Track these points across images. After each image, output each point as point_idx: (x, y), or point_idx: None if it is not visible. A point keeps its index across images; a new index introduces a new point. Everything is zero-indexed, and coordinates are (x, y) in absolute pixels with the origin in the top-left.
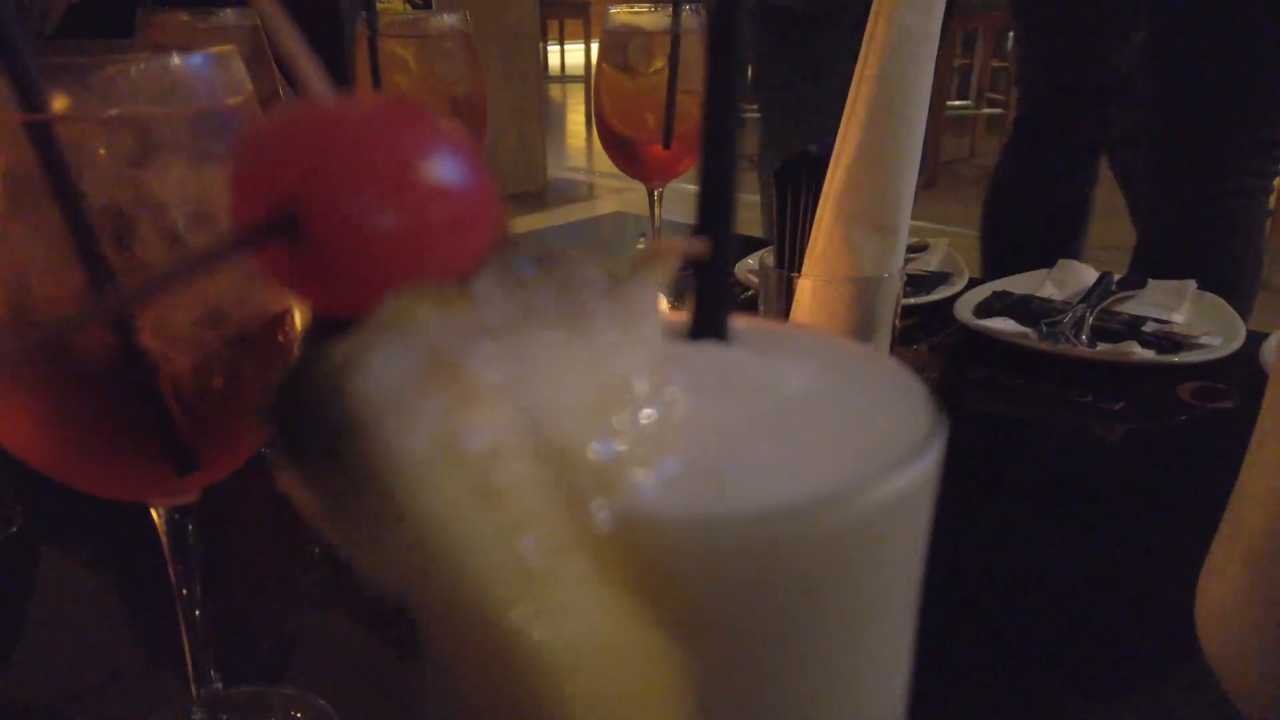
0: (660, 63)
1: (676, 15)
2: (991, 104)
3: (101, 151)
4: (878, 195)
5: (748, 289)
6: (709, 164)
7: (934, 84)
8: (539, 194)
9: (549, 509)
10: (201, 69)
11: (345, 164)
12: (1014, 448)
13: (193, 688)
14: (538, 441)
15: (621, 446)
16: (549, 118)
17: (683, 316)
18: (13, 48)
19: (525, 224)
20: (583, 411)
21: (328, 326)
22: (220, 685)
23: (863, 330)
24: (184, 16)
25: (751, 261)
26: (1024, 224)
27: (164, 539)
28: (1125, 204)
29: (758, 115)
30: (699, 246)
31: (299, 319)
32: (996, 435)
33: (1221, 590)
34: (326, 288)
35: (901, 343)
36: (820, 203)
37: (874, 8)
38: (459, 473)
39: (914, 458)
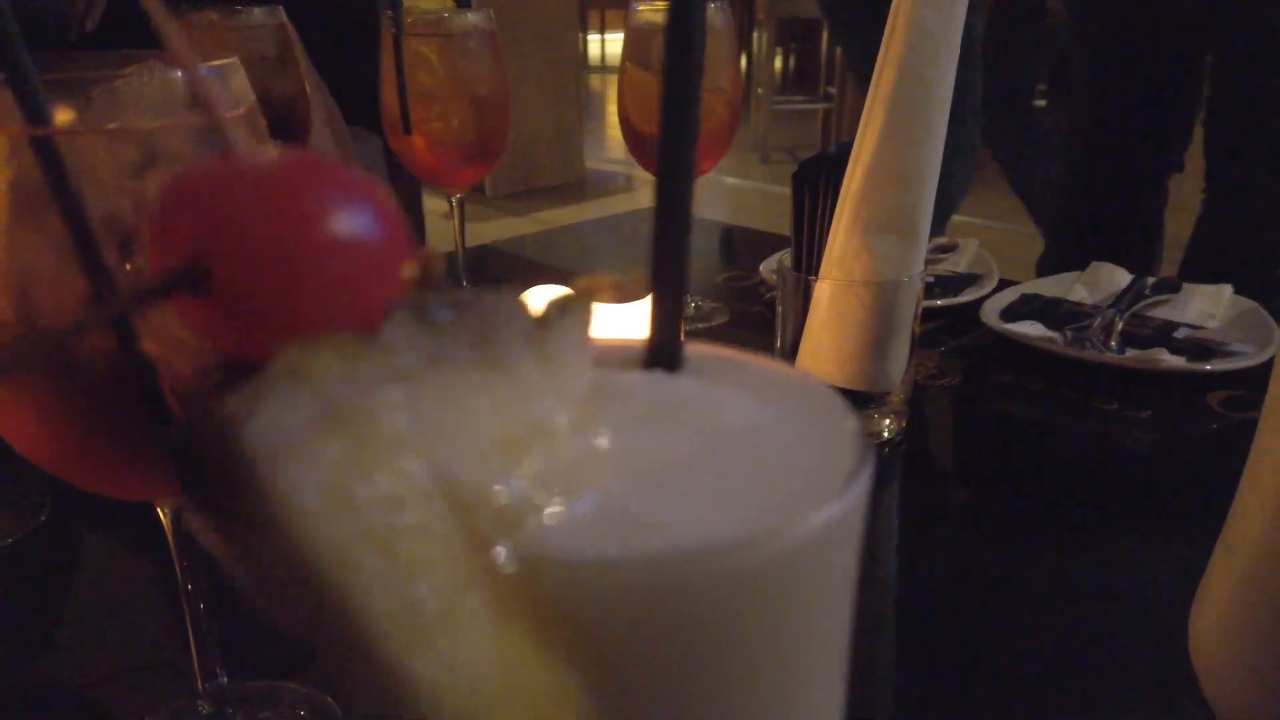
0: None
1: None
2: (1042, 95)
3: (103, 164)
4: (896, 199)
5: (771, 289)
6: (663, 192)
7: (981, 73)
8: (576, 186)
9: (449, 554)
10: (198, 81)
11: (254, 220)
12: (1035, 455)
13: (199, 682)
14: (441, 486)
15: (530, 487)
16: (588, 109)
17: (636, 345)
18: (18, 64)
19: (562, 216)
20: (492, 454)
21: (241, 373)
22: (225, 679)
23: (881, 334)
24: (213, 16)
25: (774, 261)
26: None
27: (170, 537)
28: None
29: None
30: (629, 286)
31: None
32: (1017, 441)
33: (1213, 610)
34: (237, 337)
35: (925, 345)
36: (839, 205)
37: (893, 7)
38: (352, 521)
39: (833, 499)
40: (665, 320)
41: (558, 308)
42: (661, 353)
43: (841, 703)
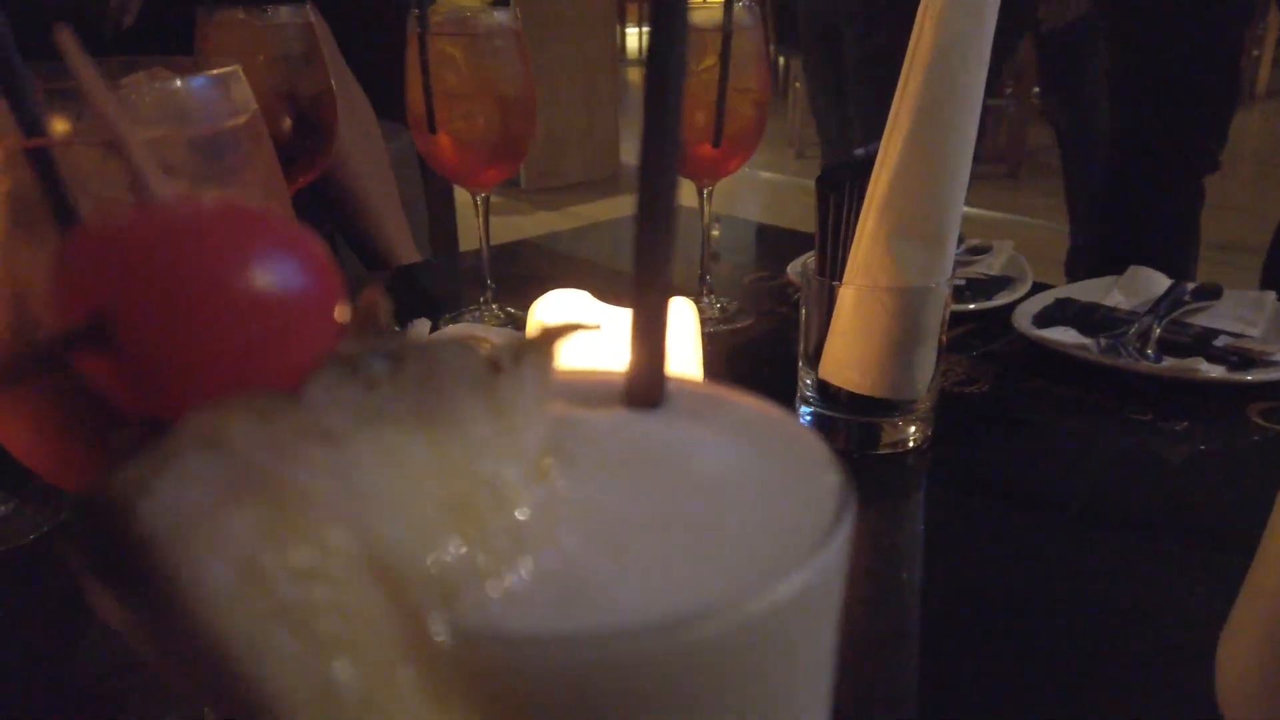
0: (711, 60)
1: (728, 11)
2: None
3: (99, 175)
4: (923, 205)
5: (798, 291)
6: (643, 214)
7: (1021, 71)
8: (611, 180)
9: (375, 630)
10: (202, 91)
11: (160, 271)
12: (1066, 465)
13: None
14: (368, 556)
15: (472, 554)
16: (624, 103)
17: (614, 379)
18: (13, 73)
19: (596, 211)
20: (430, 518)
21: (148, 436)
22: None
23: (906, 341)
24: (240, 14)
25: (800, 264)
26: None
27: None
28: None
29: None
30: (589, 327)
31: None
32: (1048, 451)
33: (1238, 650)
34: (145, 397)
35: (955, 350)
36: (864, 209)
37: (920, 8)
38: (263, 599)
39: (801, 565)
40: (645, 352)
41: (513, 353)
42: (640, 389)
43: None
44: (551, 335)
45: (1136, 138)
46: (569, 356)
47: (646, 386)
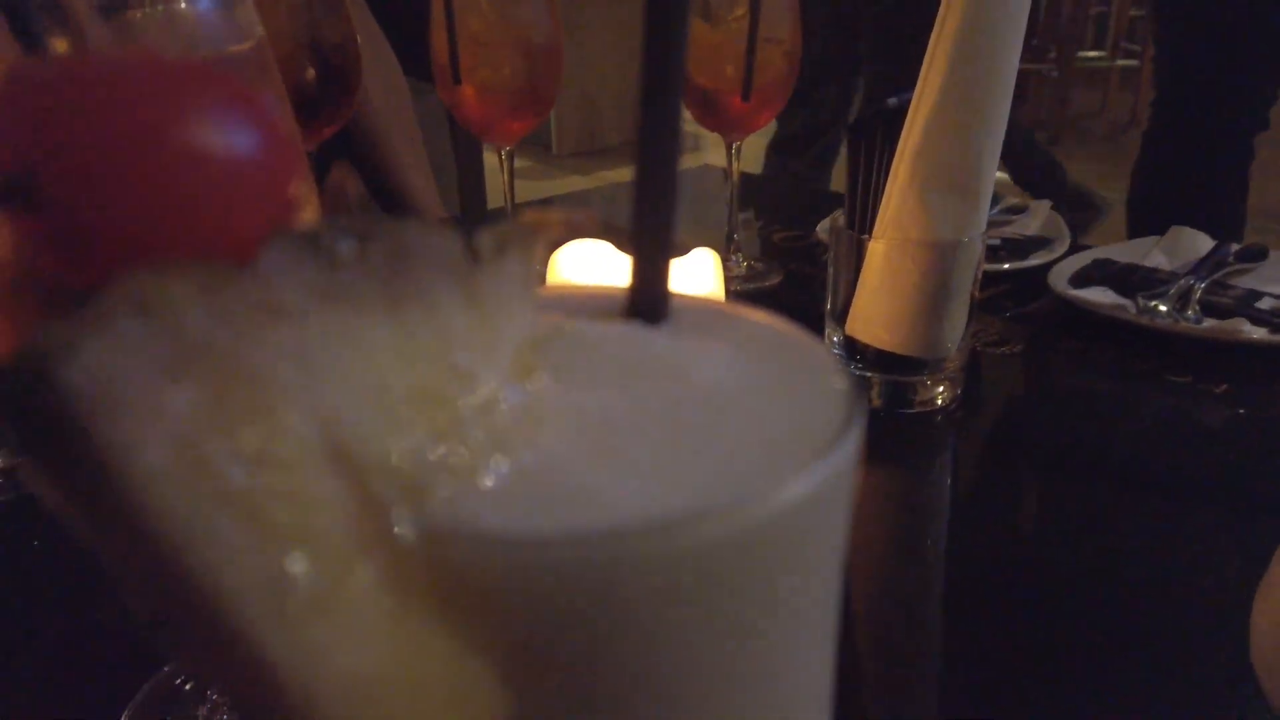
0: (741, 10)
1: None
2: (1128, 55)
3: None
4: (957, 154)
5: (827, 250)
6: (647, 121)
7: (1065, 32)
8: None
9: (330, 523)
10: (207, 14)
11: (91, 124)
12: (1101, 428)
13: None
14: (326, 444)
15: (442, 447)
16: None
17: (618, 293)
18: None
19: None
20: (397, 407)
21: (74, 301)
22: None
23: (936, 298)
24: None
25: (830, 221)
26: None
27: None
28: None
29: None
30: (582, 221)
31: None
32: (1082, 414)
33: (1273, 608)
34: (73, 261)
35: (989, 311)
36: (896, 160)
37: None
38: (205, 482)
39: (804, 469)
40: (648, 264)
41: (494, 243)
42: (643, 301)
43: (828, 705)
44: (537, 228)
45: (1183, 91)
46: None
47: (649, 299)
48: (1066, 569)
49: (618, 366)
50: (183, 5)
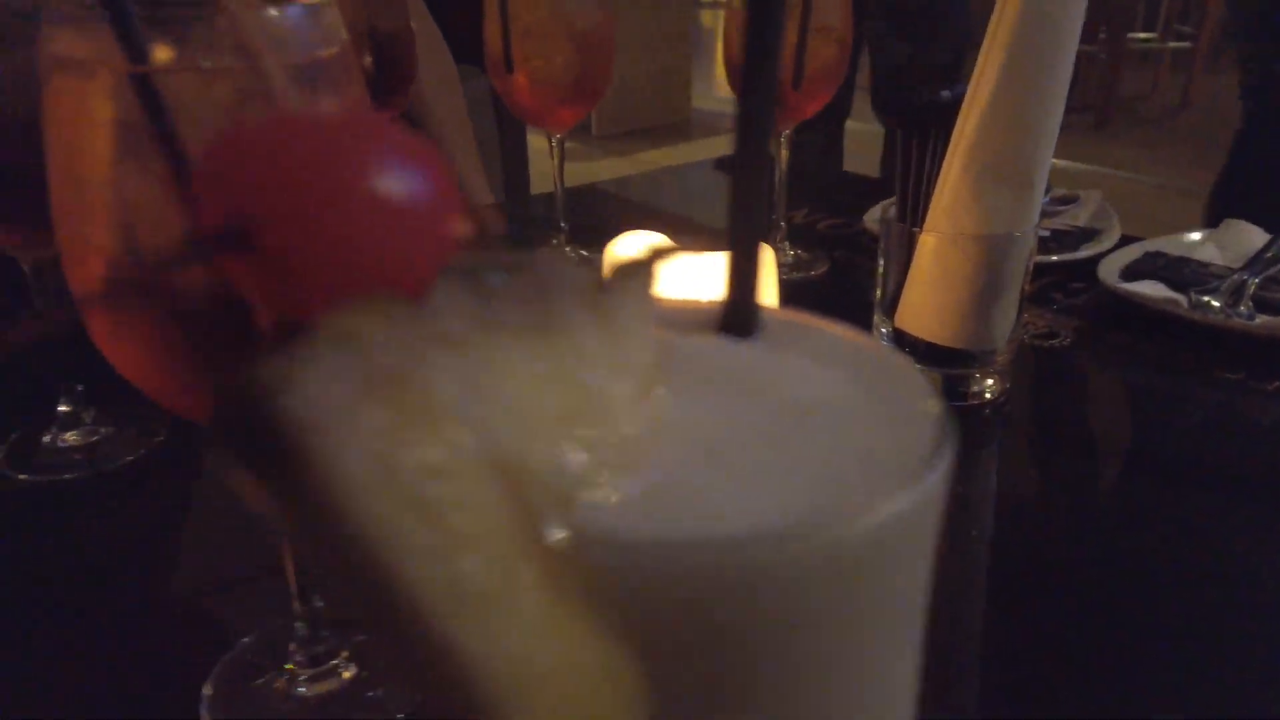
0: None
1: None
2: (1180, 37)
3: (199, 101)
4: (1013, 146)
5: (875, 239)
6: (741, 146)
7: (1116, 13)
8: (682, 126)
9: (498, 528)
10: (297, 21)
11: (299, 178)
12: (1149, 424)
13: (296, 603)
14: (490, 457)
15: (585, 461)
16: (698, 46)
17: (709, 307)
18: (120, 5)
19: (666, 157)
20: (546, 425)
21: (285, 335)
22: (321, 604)
23: (987, 291)
24: None
25: (879, 211)
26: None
27: None
28: None
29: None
30: (678, 251)
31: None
32: (1131, 409)
33: None
34: (283, 298)
35: (1036, 303)
36: (949, 152)
37: None
38: (397, 492)
39: (905, 486)
40: (740, 281)
41: (621, 271)
42: (735, 316)
43: (913, 699)
44: (652, 257)
45: (1263, 73)
46: (663, 285)
47: (741, 315)
48: (1115, 565)
49: (720, 380)
50: (273, 12)
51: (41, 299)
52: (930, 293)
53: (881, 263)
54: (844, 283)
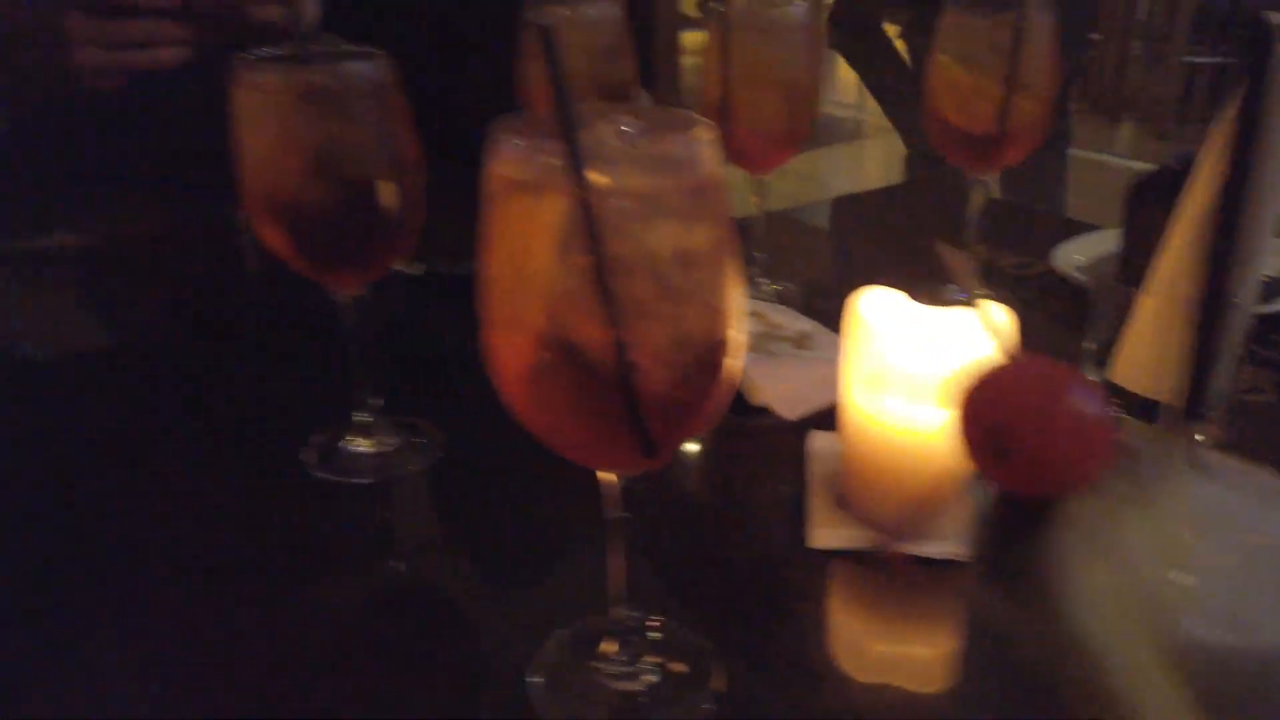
0: (1000, 59)
1: (1020, 6)
2: None
3: (620, 214)
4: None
5: (1064, 280)
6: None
7: None
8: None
9: None
10: (689, 147)
11: (1034, 401)
12: None
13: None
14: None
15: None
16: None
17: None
18: (569, 125)
19: (795, 165)
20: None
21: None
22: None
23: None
24: (563, 11)
25: (1079, 257)
26: None
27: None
28: None
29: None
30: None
31: (739, 347)
32: None
33: None
34: (1022, 486)
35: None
36: (1174, 220)
37: None
38: None
39: None
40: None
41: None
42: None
43: None
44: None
45: None
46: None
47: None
48: None
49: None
50: (676, 139)
51: None
52: (1148, 352)
53: (1095, 315)
54: (1034, 324)
